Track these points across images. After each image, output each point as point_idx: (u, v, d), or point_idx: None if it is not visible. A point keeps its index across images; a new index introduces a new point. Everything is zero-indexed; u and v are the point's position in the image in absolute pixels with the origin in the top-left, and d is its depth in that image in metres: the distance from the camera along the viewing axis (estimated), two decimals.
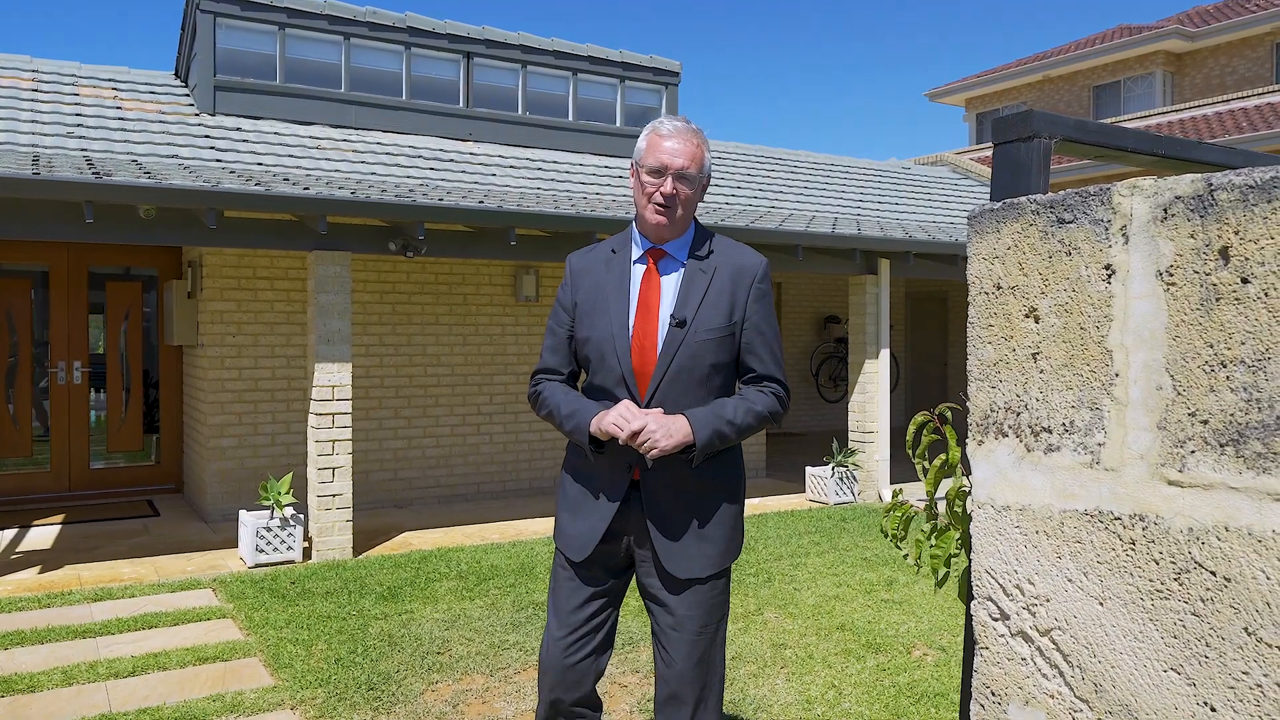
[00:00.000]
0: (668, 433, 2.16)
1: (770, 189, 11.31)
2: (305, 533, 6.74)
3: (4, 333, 8.24)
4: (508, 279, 8.90)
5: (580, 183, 9.47)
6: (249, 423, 7.73)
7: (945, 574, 1.93)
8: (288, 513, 6.26)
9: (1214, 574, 1.01)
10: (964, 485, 1.74)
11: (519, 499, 8.72)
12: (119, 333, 8.69)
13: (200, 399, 7.87)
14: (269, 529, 6.16)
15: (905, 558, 2.08)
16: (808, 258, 8.31)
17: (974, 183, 14.38)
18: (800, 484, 9.44)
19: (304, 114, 8.98)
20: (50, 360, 8.39)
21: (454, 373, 8.64)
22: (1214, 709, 1.01)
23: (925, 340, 15.26)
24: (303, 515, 6.58)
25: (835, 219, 9.80)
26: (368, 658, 4.41)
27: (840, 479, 8.57)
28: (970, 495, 1.32)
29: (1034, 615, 1.19)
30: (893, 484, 8.93)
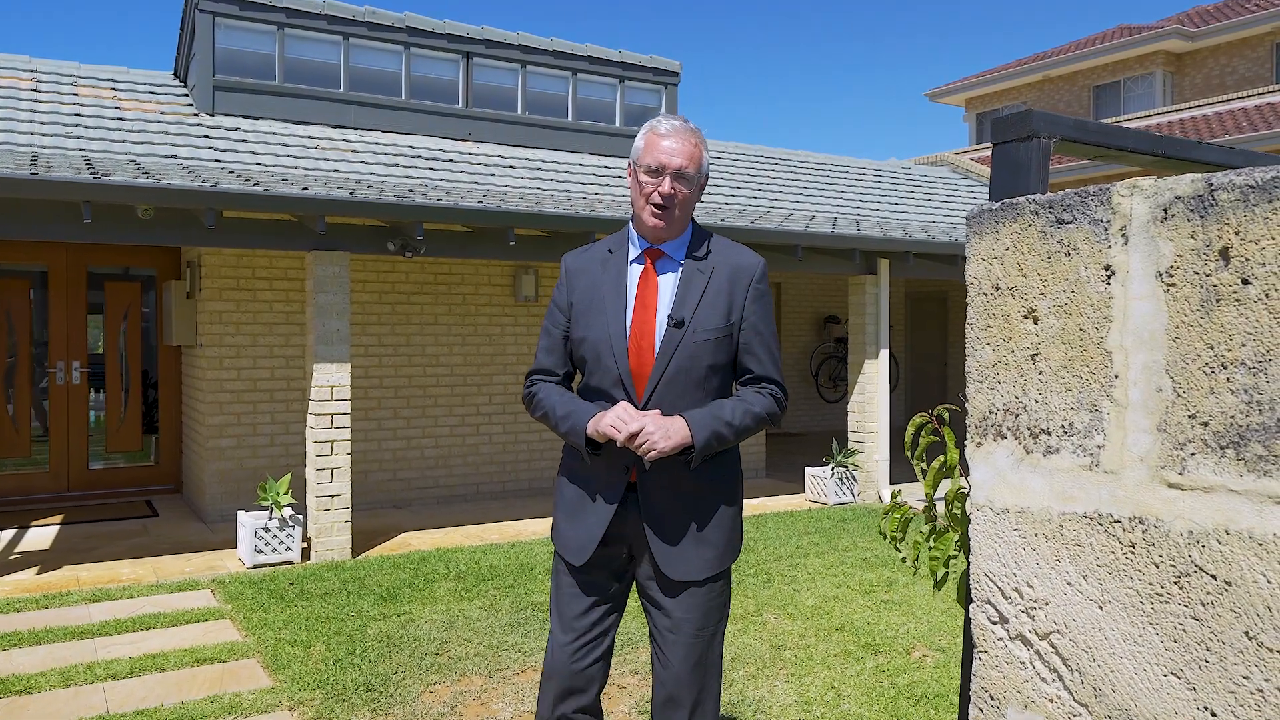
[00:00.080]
0: (666, 434, 2.13)
1: (770, 189, 11.30)
2: (304, 533, 6.73)
3: (3, 333, 8.23)
4: (507, 279, 8.89)
5: (580, 183, 9.46)
6: (248, 423, 7.72)
7: (944, 576, 1.92)
8: (286, 513, 6.25)
9: (1214, 577, 1.00)
10: (963, 487, 1.73)
11: (518, 499, 8.71)
12: (118, 333, 8.69)
13: (199, 399, 7.86)
14: (267, 529, 6.15)
15: (904, 560, 2.07)
16: (807, 258, 8.31)
17: (974, 183, 14.37)
18: (800, 484, 9.43)
19: (303, 114, 8.98)
20: (49, 360, 8.38)
21: (453, 373, 8.64)
22: (1215, 714, 1.00)
23: (925, 340, 15.25)
24: (301, 516, 6.57)
25: (835, 219, 9.79)
26: (366, 659, 4.40)
27: (840, 479, 8.56)
28: (969, 497, 1.32)
29: (1033, 618, 1.18)
30: (893, 484, 8.92)
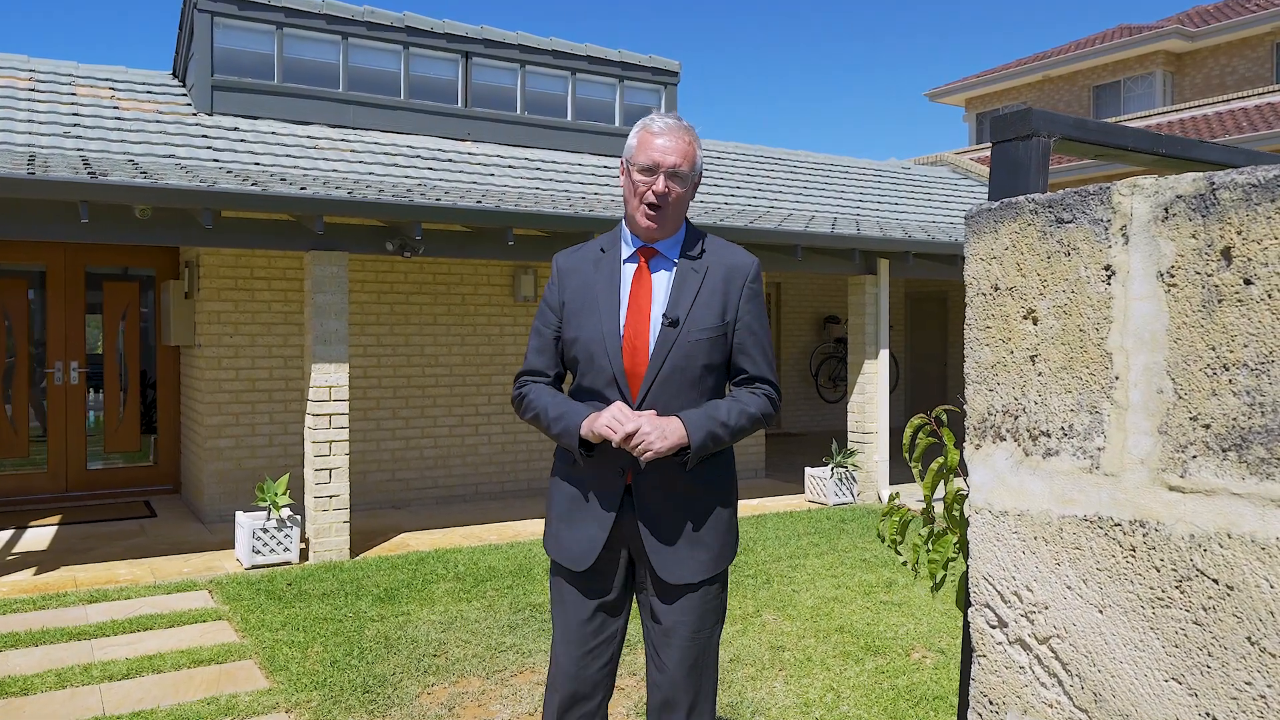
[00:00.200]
0: (662, 434, 2.10)
1: (770, 189, 11.29)
2: (302, 534, 6.72)
3: (1, 333, 8.22)
4: (506, 279, 8.88)
5: (579, 183, 9.45)
6: (246, 423, 7.71)
7: (943, 578, 1.91)
8: (284, 514, 6.24)
9: (1216, 582, 0.99)
10: (961, 489, 1.72)
11: (517, 500, 8.70)
12: (116, 333, 8.67)
13: (197, 399, 7.85)
14: (265, 530, 6.13)
15: (904, 564, 2.05)
16: (807, 258, 8.29)
17: (974, 183, 14.36)
18: (799, 485, 9.42)
19: (302, 114, 8.96)
20: (47, 360, 8.37)
21: (452, 373, 8.62)
22: None
23: (925, 341, 15.24)
24: (300, 516, 6.55)
25: (835, 219, 9.78)
26: (364, 660, 4.39)
27: (839, 480, 8.55)
28: (967, 499, 1.30)
29: (1032, 623, 1.17)
30: (892, 485, 8.91)
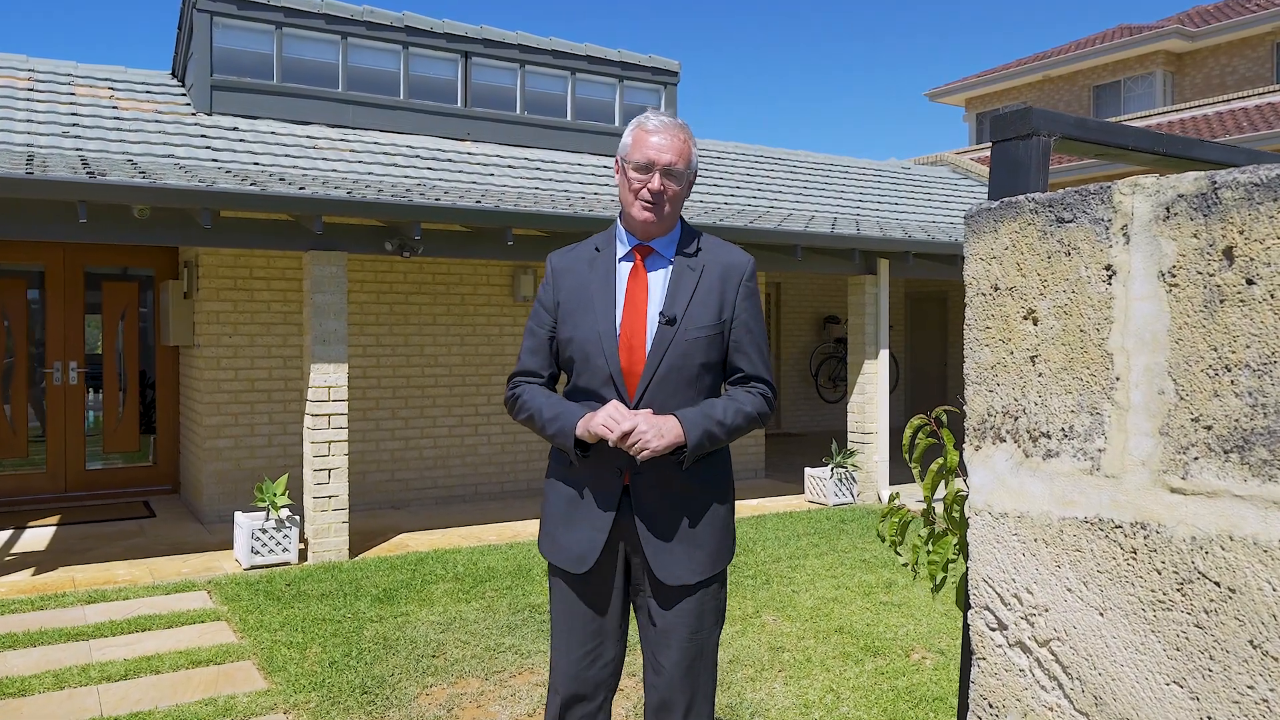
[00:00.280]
0: (659, 433, 2.09)
1: (769, 189, 11.28)
2: (301, 534, 6.71)
3: (0, 333, 8.21)
4: (505, 279, 8.87)
5: (579, 182, 9.44)
6: (245, 423, 7.70)
7: (943, 579, 1.90)
8: (283, 514, 6.23)
9: (1218, 585, 0.98)
10: (961, 490, 1.71)
11: (517, 500, 8.69)
12: (115, 333, 8.66)
13: (196, 399, 7.84)
14: (264, 530, 6.12)
15: (904, 565, 2.04)
16: (807, 258, 8.28)
17: (974, 183, 14.35)
18: (799, 485, 9.41)
19: (301, 114, 8.96)
20: (46, 361, 8.36)
21: (451, 373, 8.61)
22: None
23: (925, 341, 15.23)
24: (299, 517, 6.55)
25: (834, 219, 9.77)
26: (362, 661, 4.38)
27: (839, 480, 8.54)
28: (967, 500, 1.29)
29: (1032, 625, 1.16)
30: (892, 485, 8.90)
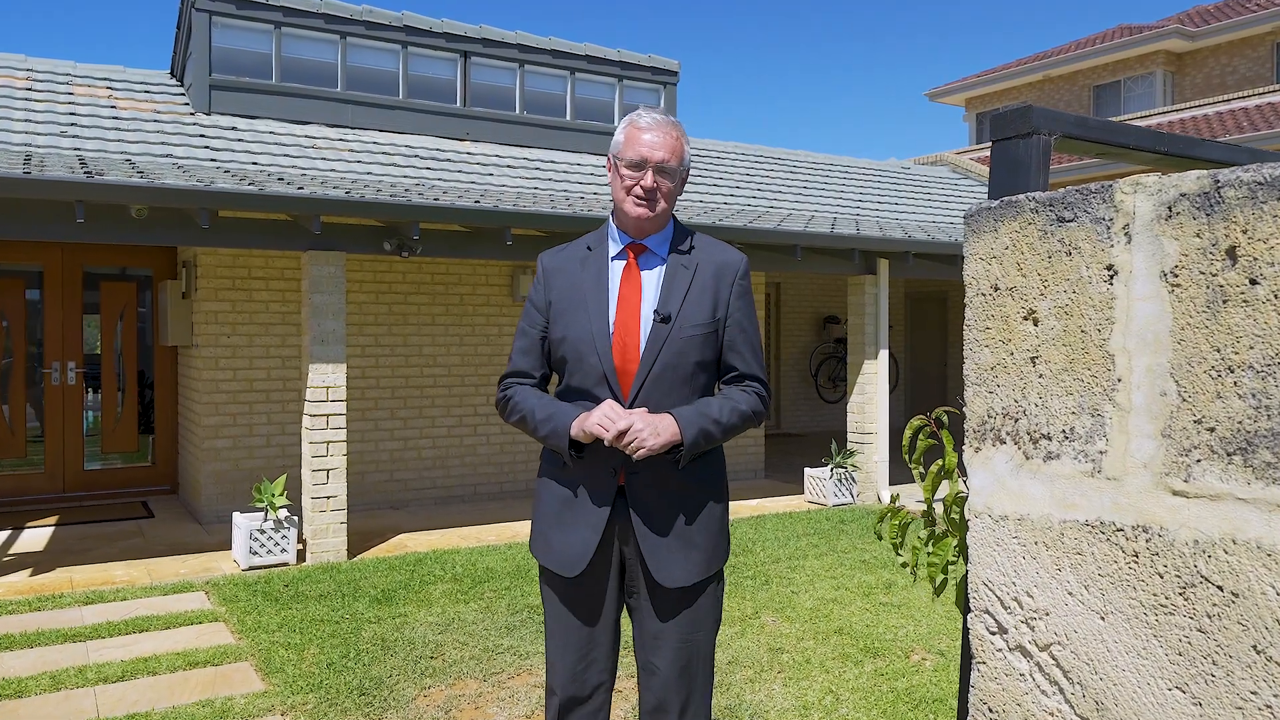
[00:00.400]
0: (655, 431, 2.07)
1: (769, 189, 11.27)
2: (299, 535, 6.69)
3: None
4: (505, 279, 8.86)
5: (578, 182, 9.43)
6: (244, 424, 7.69)
7: (943, 581, 1.89)
8: (282, 515, 6.22)
9: (1221, 589, 0.97)
10: (961, 491, 1.70)
11: (516, 500, 8.68)
12: (114, 333, 8.65)
13: (195, 400, 7.83)
14: (263, 531, 6.11)
15: (904, 566, 2.03)
16: (806, 258, 8.27)
17: (974, 182, 14.34)
18: (799, 485, 9.40)
19: (300, 113, 8.94)
20: (45, 361, 8.35)
21: (450, 373, 8.60)
22: None
23: (925, 341, 15.22)
24: (297, 517, 6.54)
25: (834, 219, 9.76)
26: (360, 662, 4.36)
27: (839, 480, 8.53)
28: (967, 502, 1.28)
29: (1033, 629, 1.15)
30: (892, 485, 8.89)
